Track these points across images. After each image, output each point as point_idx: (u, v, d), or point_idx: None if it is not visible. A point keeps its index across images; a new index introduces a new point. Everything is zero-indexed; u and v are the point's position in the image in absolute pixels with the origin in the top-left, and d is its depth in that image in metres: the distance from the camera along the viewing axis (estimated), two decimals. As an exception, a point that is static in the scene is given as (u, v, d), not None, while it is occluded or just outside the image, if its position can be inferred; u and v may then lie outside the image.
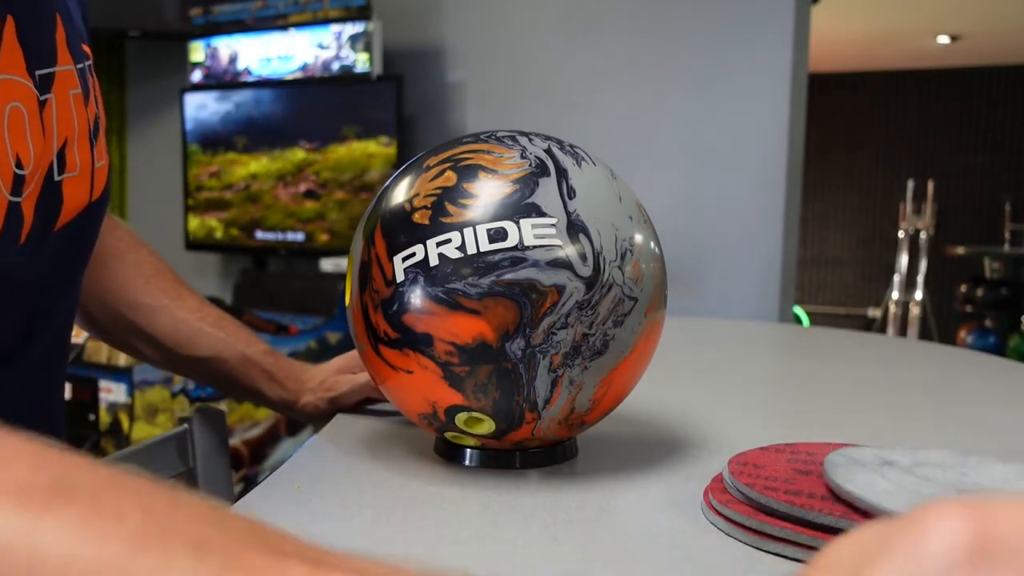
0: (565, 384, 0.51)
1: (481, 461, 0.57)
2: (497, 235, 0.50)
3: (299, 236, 2.43)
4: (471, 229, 0.50)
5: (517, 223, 0.50)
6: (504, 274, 0.49)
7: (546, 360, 0.50)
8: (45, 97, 0.48)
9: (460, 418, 0.53)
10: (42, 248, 0.50)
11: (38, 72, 0.48)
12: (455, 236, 0.51)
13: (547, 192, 0.52)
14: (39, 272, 0.51)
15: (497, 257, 0.50)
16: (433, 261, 0.51)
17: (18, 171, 0.46)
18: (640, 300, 0.53)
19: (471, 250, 0.50)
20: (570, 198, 0.52)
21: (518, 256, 0.50)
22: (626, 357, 0.53)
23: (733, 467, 0.48)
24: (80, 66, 0.53)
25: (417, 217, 0.52)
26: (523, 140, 0.55)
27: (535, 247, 0.50)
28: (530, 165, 0.53)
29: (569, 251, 0.50)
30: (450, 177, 0.53)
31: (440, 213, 0.52)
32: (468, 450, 0.57)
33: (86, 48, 0.56)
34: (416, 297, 0.51)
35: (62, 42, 0.51)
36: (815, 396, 0.87)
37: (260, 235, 2.51)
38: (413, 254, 0.52)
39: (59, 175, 0.50)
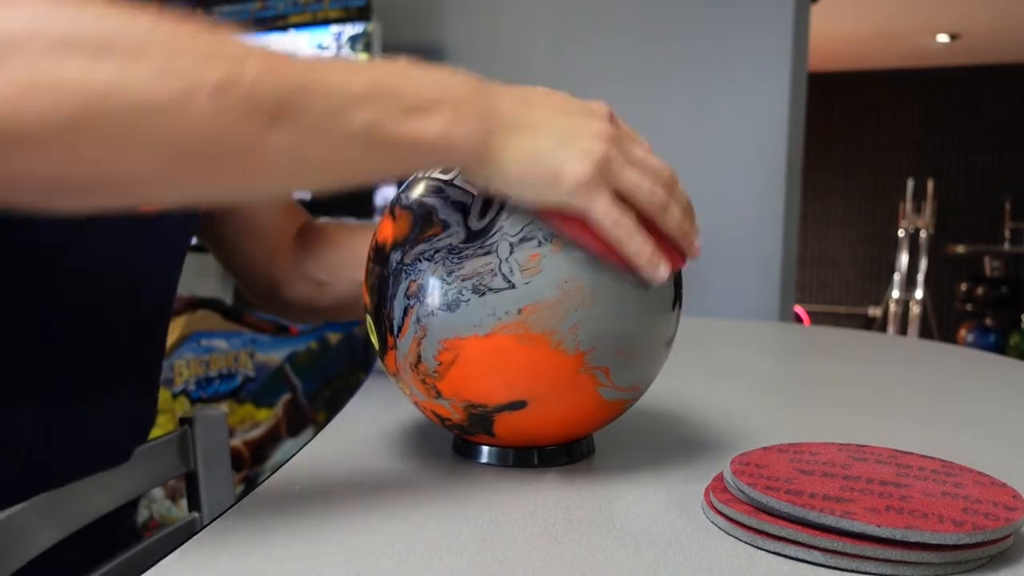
0: (413, 319, 0.51)
1: (497, 458, 0.57)
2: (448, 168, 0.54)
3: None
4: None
5: None
6: (427, 196, 0.53)
7: (406, 283, 0.51)
8: None
9: (368, 320, 0.56)
10: None
11: None
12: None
13: None
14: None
15: (437, 184, 0.53)
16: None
17: None
18: (518, 291, 0.49)
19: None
20: None
21: (442, 186, 0.53)
22: (479, 337, 0.50)
23: (734, 467, 0.48)
24: None
25: None
26: None
27: (457, 186, 0.52)
28: None
29: (477, 201, 0.51)
30: None
31: None
32: (484, 448, 0.58)
33: None
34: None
35: None
36: (816, 395, 0.87)
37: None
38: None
39: None
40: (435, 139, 0.46)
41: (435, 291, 0.50)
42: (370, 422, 0.69)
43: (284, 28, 2.44)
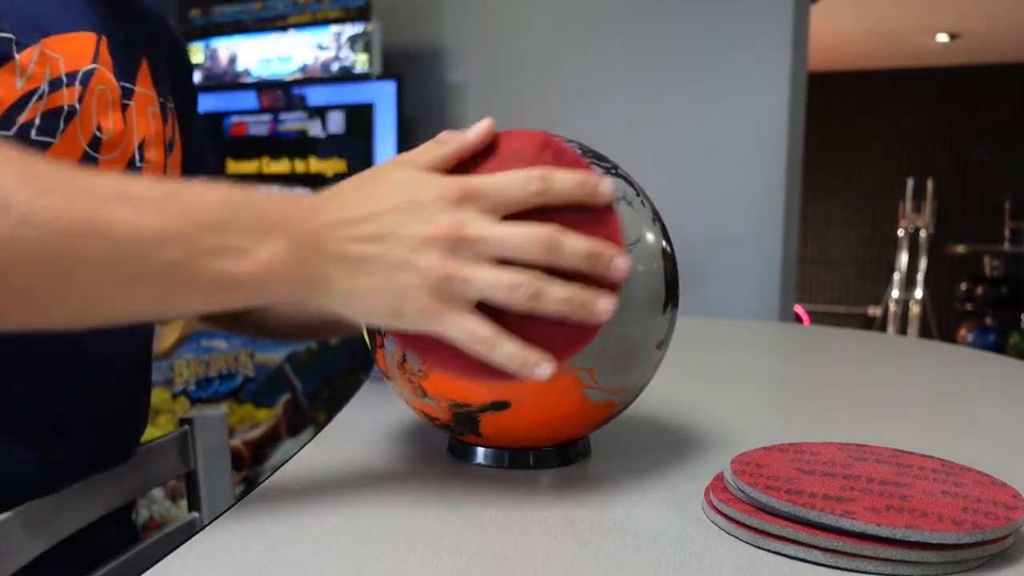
0: None
1: (492, 460, 0.57)
2: None
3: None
4: None
5: None
6: None
7: None
8: (126, 102, 0.58)
9: None
10: None
11: (121, 82, 0.58)
12: None
13: None
14: None
15: None
16: None
17: (98, 133, 0.55)
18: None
19: None
20: None
21: None
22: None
23: (735, 466, 0.48)
24: (161, 100, 0.63)
25: None
26: None
27: None
28: None
29: None
30: None
31: None
32: (479, 449, 0.57)
33: (171, 98, 0.67)
34: None
35: (144, 74, 0.62)
36: (816, 395, 0.87)
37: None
38: None
39: (140, 163, 0.60)
40: (255, 276, 0.43)
41: None
42: (370, 422, 0.69)
43: (284, 28, 2.44)
